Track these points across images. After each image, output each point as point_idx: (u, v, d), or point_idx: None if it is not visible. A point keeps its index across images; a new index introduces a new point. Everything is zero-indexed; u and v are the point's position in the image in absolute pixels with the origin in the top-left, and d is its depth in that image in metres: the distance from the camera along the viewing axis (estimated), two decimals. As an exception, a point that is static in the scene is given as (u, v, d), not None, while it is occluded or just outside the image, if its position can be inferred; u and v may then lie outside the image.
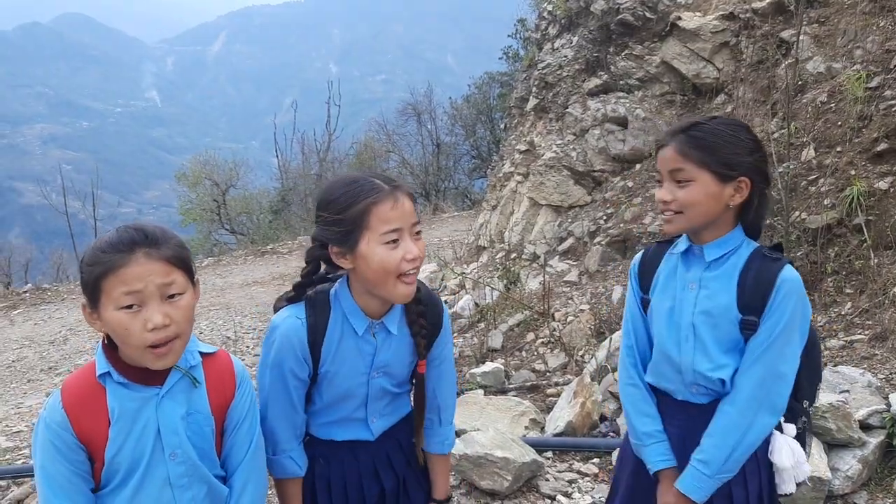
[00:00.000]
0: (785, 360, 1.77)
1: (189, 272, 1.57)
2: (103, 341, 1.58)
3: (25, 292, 11.90)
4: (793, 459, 1.82)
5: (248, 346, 7.38)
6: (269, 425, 1.79)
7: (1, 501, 4.09)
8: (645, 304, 1.99)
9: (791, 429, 1.87)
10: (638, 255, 2.07)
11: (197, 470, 1.61)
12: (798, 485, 1.87)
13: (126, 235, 1.51)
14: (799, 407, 1.89)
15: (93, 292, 1.50)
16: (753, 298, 1.77)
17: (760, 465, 1.84)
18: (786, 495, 1.88)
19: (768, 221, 5.08)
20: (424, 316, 1.84)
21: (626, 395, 2.01)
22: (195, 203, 25.01)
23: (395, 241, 1.66)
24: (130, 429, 1.55)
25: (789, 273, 1.77)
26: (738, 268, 1.81)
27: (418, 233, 1.72)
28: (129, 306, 1.48)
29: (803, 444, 1.90)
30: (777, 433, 1.85)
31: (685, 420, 1.89)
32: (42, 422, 1.54)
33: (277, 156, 26.37)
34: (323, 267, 1.83)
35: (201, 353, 1.67)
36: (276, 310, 1.83)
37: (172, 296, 1.52)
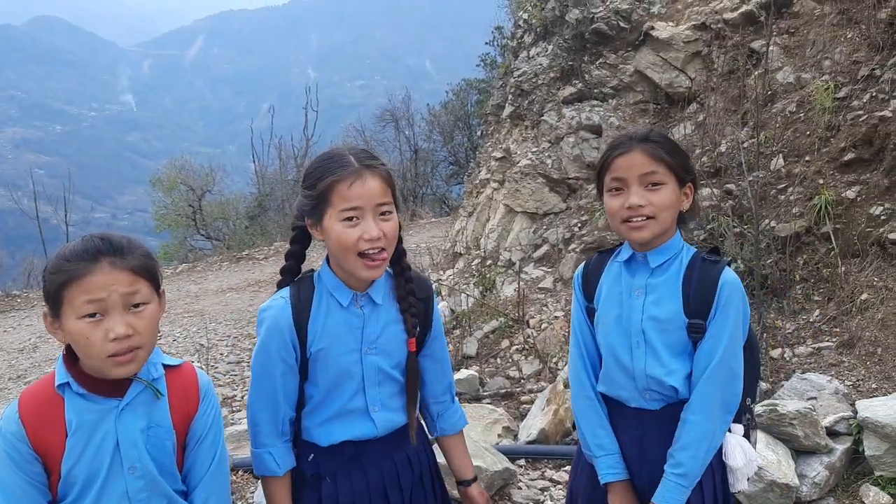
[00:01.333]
0: (736, 358, 1.81)
1: (155, 283, 1.56)
2: (64, 352, 1.56)
3: (-6, 299, 11.69)
4: (745, 458, 1.86)
5: (221, 354, 7.31)
6: (251, 415, 1.78)
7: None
8: (590, 313, 2.00)
9: (739, 428, 1.90)
10: (581, 266, 2.10)
11: (156, 484, 1.58)
12: (748, 480, 1.91)
13: (91, 244, 1.49)
14: (743, 404, 1.91)
15: (55, 301, 1.48)
16: (698, 302, 1.81)
17: (714, 467, 1.86)
18: (738, 492, 1.93)
19: (738, 230, 5.15)
20: (414, 294, 1.84)
21: (578, 406, 2.02)
22: (170, 208, 24.75)
23: (352, 218, 1.67)
24: (88, 441, 1.52)
25: (729, 275, 1.81)
26: (681, 273, 1.85)
27: (385, 213, 1.71)
28: (92, 315, 1.46)
29: (750, 441, 1.93)
30: (728, 434, 1.87)
31: (639, 428, 1.91)
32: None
33: (254, 161, 26.21)
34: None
35: (165, 366, 1.65)
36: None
37: (137, 305, 1.50)
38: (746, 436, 1.92)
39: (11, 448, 1.49)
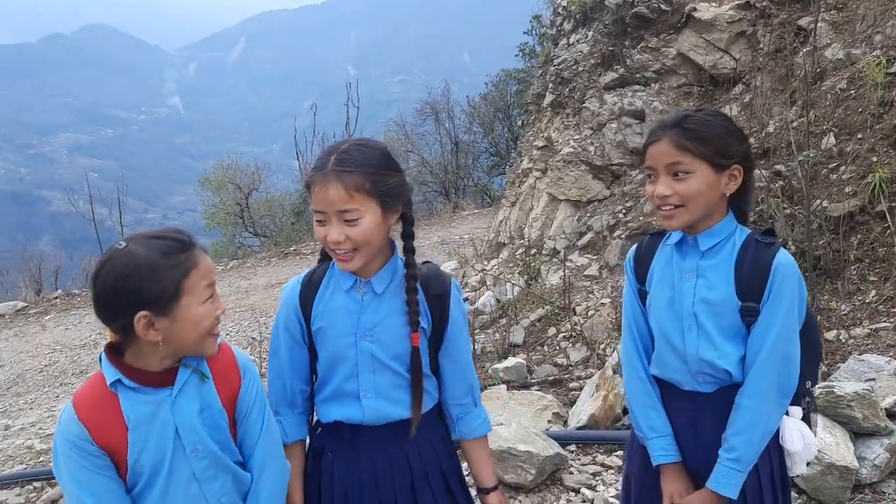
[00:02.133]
0: (791, 342, 1.77)
1: None
2: (106, 350, 1.59)
3: (56, 298, 12.13)
4: (803, 442, 1.83)
5: (273, 347, 7.47)
6: (268, 383, 1.88)
7: (36, 502, 4.20)
8: (642, 295, 1.98)
9: (797, 411, 1.87)
10: (632, 249, 2.07)
11: (220, 461, 1.64)
12: (807, 464, 1.87)
13: (173, 239, 1.56)
14: (802, 388, 1.88)
15: (172, 295, 1.52)
16: (751, 285, 1.77)
17: (770, 450, 1.84)
18: (797, 476, 1.91)
19: (788, 211, 5.05)
20: (415, 290, 1.80)
21: (630, 389, 2.00)
22: (219, 207, 25.24)
23: (322, 221, 1.73)
24: (149, 432, 1.56)
25: (784, 257, 1.77)
26: (734, 255, 1.81)
27: (349, 220, 1.69)
28: (210, 296, 1.58)
29: (809, 424, 1.89)
30: (785, 417, 1.84)
31: (692, 410, 1.89)
32: (61, 439, 1.55)
33: (298, 158, 26.48)
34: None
35: None
36: None
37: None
38: (806, 419, 1.88)
39: (79, 450, 1.53)
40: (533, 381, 5.05)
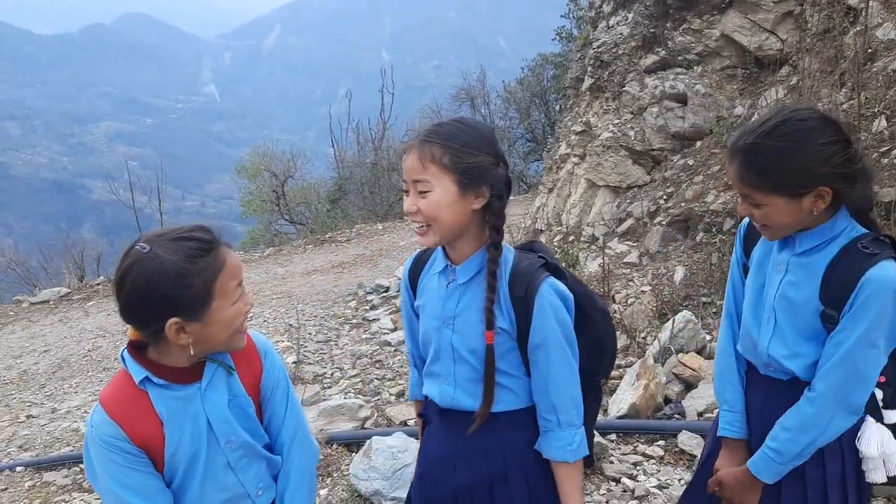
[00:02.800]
0: (866, 362, 1.65)
1: None
2: (129, 349, 1.58)
3: (98, 284, 12.37)
4: (880, 449, 1.73)
5: (310, 334, 7.51)
6: None
7: (82, 484, 4.28)
8: (745, 270, 1.94)
9: (892, 415, 1.78)
10: (746, 220, 1.95)
11: (252, 449, 1.67)
12: (891, 477, 1.76)
13: (203, 236, 1.53)
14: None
15: (203, 299, 1.49)
16: (835, 293, 1.66)
17: (844, 448, 1.76)
18: (874, 484, 1.80)
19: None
20: (494, 288, 1.65)
21: (717, 358, 2.01)
22: (255, 195, 25.52)
23: (408, 191, 1.69)
24: (183, 426, 1.57)
25: (880, 272, 1.60)
26: (828, 258, 1.69)
27: (422, 191, 1.64)
28: (239, 296, 1.57)
29: None
30: (869, 420, 1.75)
31: (767, 393, 1.86)
32: (94, 441, 1.54)
33: (333, 146, 26.63)
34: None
35: None
36: None
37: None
38: None
39: (117, 449, 1.52)
40: (572, 369, 5.00)
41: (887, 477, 1.77)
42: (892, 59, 5.45)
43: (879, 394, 1.76)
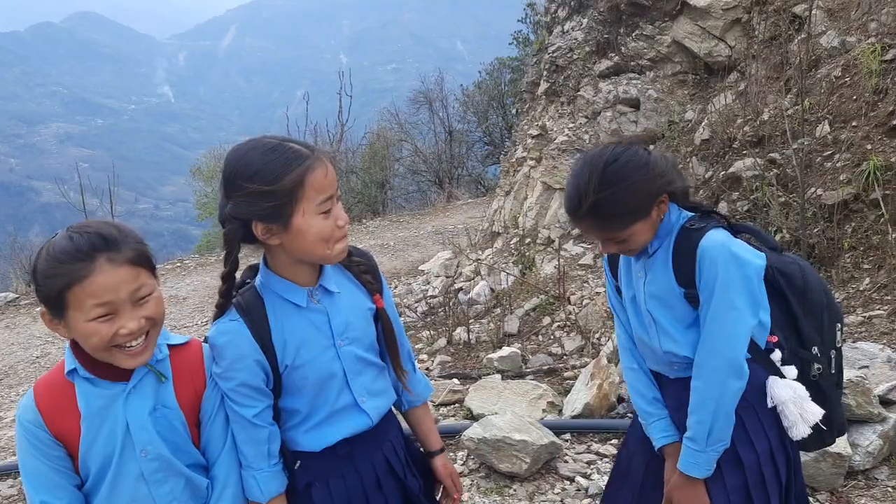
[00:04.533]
0: (731, 324, 1.75)
1: (152, 267, 1.53)
2: (71, 341, 1.55)
3: (47, 289, 12.07)
4: (792, 393, 1.82)
5: (266, 337, 7.46)
6: (237, 440, 1.67)
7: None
8: (619, 290, 2.05)
9: (791, 370, 1.86)
10: None
11: (171, 465, 1.58)
12: (813, 428, 1.83)
13: (83, 241, 1.44)
14: (809, 354, 1.89)
15: (56, 303, 1.45)
16: (685, 273, 1.80)
17: (764, 422, 1.85)
18: (801, 441, 1.86)
19: (783, 199, 5.05)
20: (357, 254, 1.80)
21: (627, 378, 2.07)
22: (211, 197, 25.12)
23: (328, 210, 1.58)
24: (100, 426, 1.53)
25: (709, 240, 1.77)
26: (671, 247, 1.85)
27: (339, 197, 1.64)
28: (102, 315, 1.44)
29: (822, 391, 1.89)
30: (771, 378, 1.85)
31: (679, 396, 1.91)
32: (18, 421, 1.54)
33: (291, 148, 26.39)
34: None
35: (170, 346, 1.63)
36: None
37: (143, 297, 1.49)
38: (815, 386, 1.88)
39: (31, 436, 1.51)
40: (528, 370, 5.05)
41: (810, 428, 1.83)
42: (835, 66, 5.64)
43: (778, 354, 1.86)
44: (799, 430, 1.84)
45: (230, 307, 1.65)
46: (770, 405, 1.85)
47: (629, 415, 4.11)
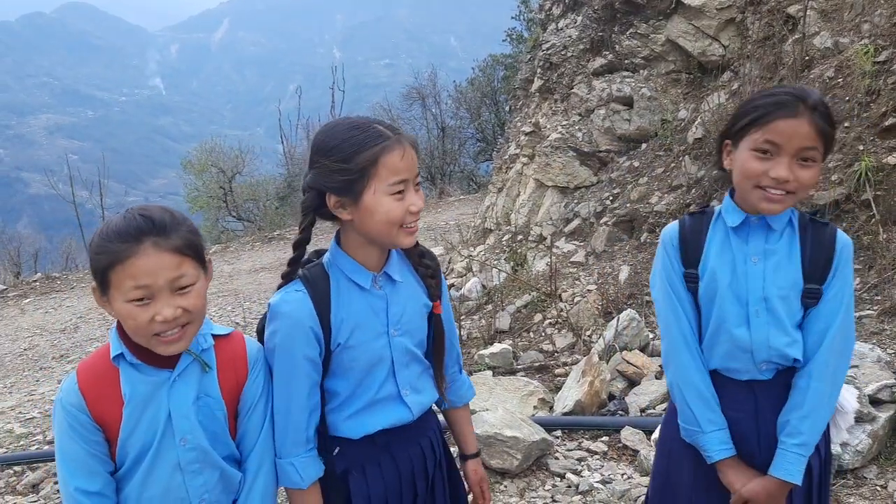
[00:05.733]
0: (852, 323, 1.74)
1: (200, 258, 1.53)
2: (117, 325, 1.56)
3: (35, 281, 11.98)
4: (857, 397, 1.86)
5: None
6: (276, 422, 1.67)
7: (17, 486, 4.14)
8: (689, 278, 1.84)
9: None
10: (674, 229, 1.90)
11: (208, 456, 1.59)
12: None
13: (133, 223, 1.45)
14: None
15: (102, 281, 1.47)
16: (815, 266, 1.72)
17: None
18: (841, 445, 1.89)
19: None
20: (427, 256, 1.81)
21: (686, 379, 1.84)
22: (202, 191, 25.00)
23: (401, 192, 1.59)
24: (142, 412, 1.53)
25: (844, 237, 1.73)
26: (796, 236, 1.75)
27: (419, 184, 1.66)
28: (140, 299, 1.45)
29: None
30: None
31: (751, 400, 1.81)
32: (59, 403, 1.53)
33: (283, 142, 26.31)
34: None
35: (214, 336, 1.63)
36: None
37: (184, 287, 1.49)
38: None
39: (73, 419, 1.50)
40: (519, 367, 5.04)
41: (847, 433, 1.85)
42: (828, 67, 5.66)
43: None
44: (843, 435, 1.84)
45: (296, 278, 1.68)
46: (846, 410, 1.82)
47: (620, 412, 4.12)
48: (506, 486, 3.51)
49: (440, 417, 2.00)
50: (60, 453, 1.53)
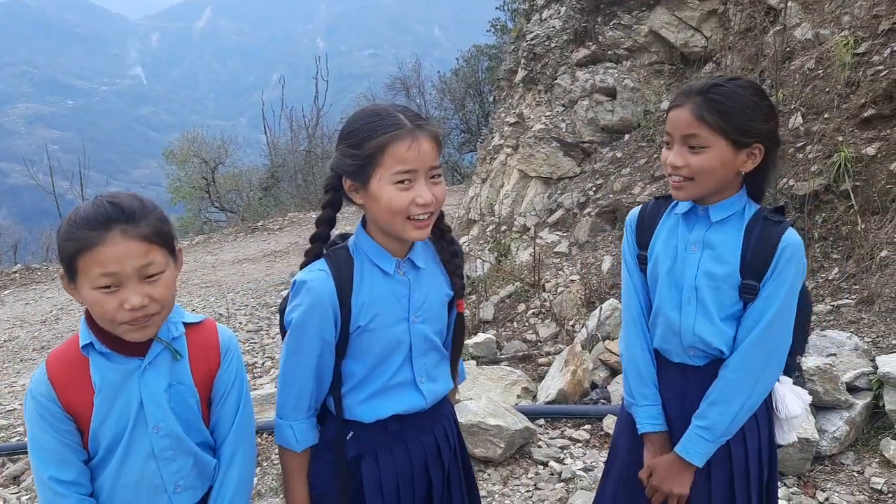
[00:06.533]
0: (785, 326, 1.74)
1: (169, 247, 1.52)
2: (85, 314, 1.55)
3: (15, 273, 11.84)
4: (802, 405, 1.81)
5: (240, 323, 7.39)
6: (280, 386, 1.71)
7: (-3, 478, 4.11)
8: (641, 260, 1.93)
9: (787, 381, 1.86)
10: (635, 210, 2.00)
11: (181, 443, 1.59)
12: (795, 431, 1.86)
13: (102, 210, 1.44)
14: (792, 361, 1.87)
15: (70, 267, 1.46)
16: (755, 263, 1.73)
17: (759, 421, 1.83)
18: (782, 445, 1.89)
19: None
20: (458, 255, 1.80)
21: (628, 353, 1.96)
22: (184, 181, 24.80)
23: (405, 181, 1.58)
24: (113, 401, 1.52)
25: (792, 237, 1.72)
26: (741, 231, 1.76)
27: (436, 177, 1.63)
28: (107, 286, 1.43)
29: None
30: (778, 385, 1.83)
31: (682, 383, 1.86)
32: (29, 394, 1.53)
33: (266, 132, 26.17)
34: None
35: (186, 324, 1.63)
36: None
37: (152, 275, 1.47)
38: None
39: (43, 409, 1.50)
40: (502, 356, 5.07)
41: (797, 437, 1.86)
42: (809, 58, 5.71)
43: None
44: (788, 437, 1.86)
45: (321, 257, 1.71)
46: (782, 415, 1.83)
47: (602, 401, 4.15)
48: (489, 475, 3.53)
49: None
50: (33, 443, 1.53)
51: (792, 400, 1.83)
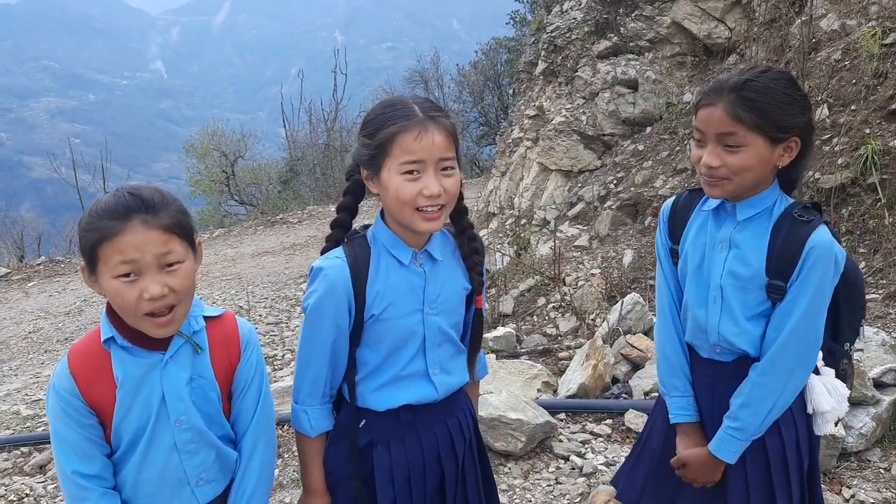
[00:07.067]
0: (814, 328, 1.70)
1: (189, 238, 1.53)
2: (107, 307, 1.55)
3: (39, 265, 12.00)
4: (833, 402, 1.78)
5: (260, 315, 7.43)
6: (296, 372, 1.74)
7: (24, 467, 4.17)
8: (673, 253, 1.92)
9: (830, 372, 1.83)
10: (669, 202, 1.98)
11: (203, 436, 1.60)
12: (836, 422, 1.83)
13: (122, 201, 1.46)
14: (840, 349, 1.84)
15: (90, 258, 1.47)
16: (781, 263, 1.69)
17: (794, 413, 1.80)
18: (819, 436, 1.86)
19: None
20: (478, 252, 1.79)
21: (662, 344, 1.95)
22: (204, 175, 24.98)
23: (413, 172, 1.58)
24: (136, 395, 1.53)
25: (820, 237, 1.66)
26: (768, 230, 1.72)
27: (447, 169, 1.62)
28: (126, 275, 1.44)
29: (844, 381, 1.86)
30: (813, 378, 1.79)
31: (712, 377, 1.86)
32: (51, 388, 1.54)
33: (285, 126, 26.25)
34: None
35: (206, 318, 1.64)
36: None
37: (171, 264, 1.48)
38: (842, 378, 1.85)
39: (65, 403, 1.51)
40: (522, 350, 5.05)
41: (834, 426, 1.83)
42: (835, 49, 5.62)
43: (819, 353, 1.80)
44: (826, 428, 1.83)
45: (340, 241, 1.73)
46: (811, 409, 1.81)
47: (624, 395, 4.13)
48: (510, 469, 3.52)
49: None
50: (56, 438, 1.53)
51: (821, 394, 1.80)
